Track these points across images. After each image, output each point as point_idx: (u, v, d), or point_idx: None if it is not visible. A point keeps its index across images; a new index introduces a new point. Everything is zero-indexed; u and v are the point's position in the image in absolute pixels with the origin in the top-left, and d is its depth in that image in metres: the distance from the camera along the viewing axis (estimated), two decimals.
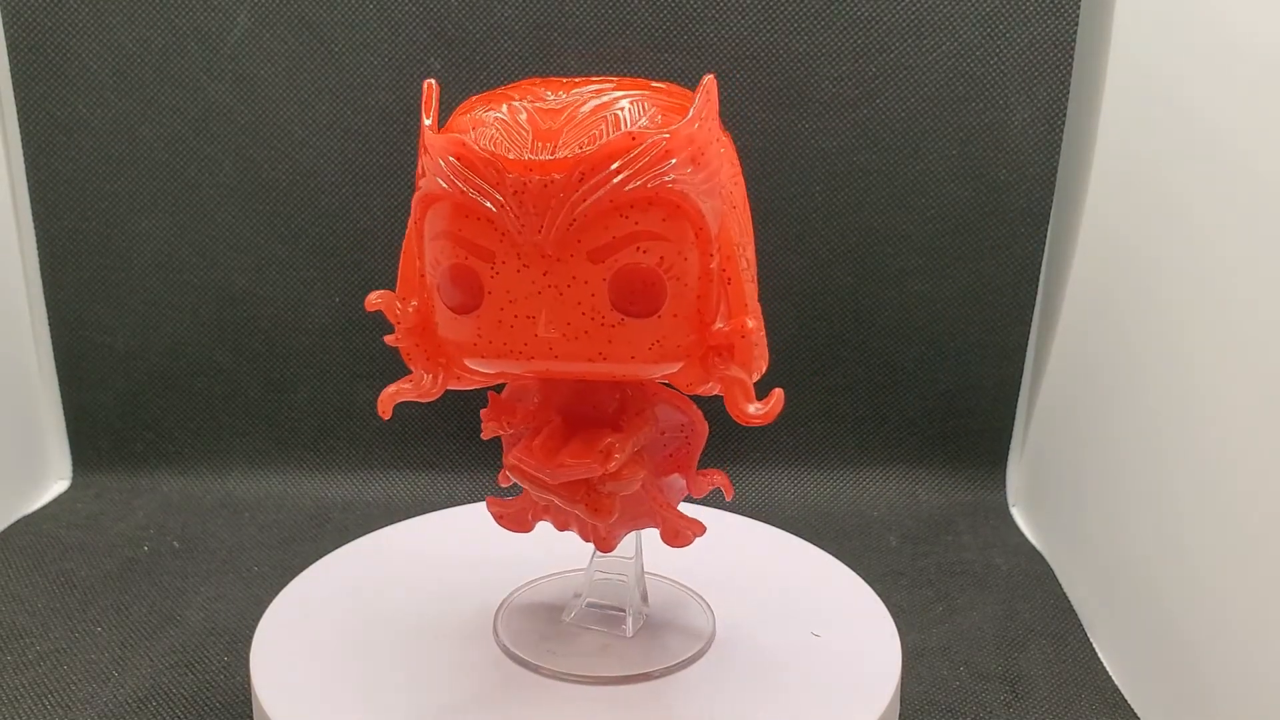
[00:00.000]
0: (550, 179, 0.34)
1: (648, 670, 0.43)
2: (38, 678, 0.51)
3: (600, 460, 0.38)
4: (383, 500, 0.72)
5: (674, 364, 0.37)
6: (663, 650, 0.45)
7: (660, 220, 0.35)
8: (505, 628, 0.46)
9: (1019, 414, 0.73)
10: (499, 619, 0.47)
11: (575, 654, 0.44)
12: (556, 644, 0.45)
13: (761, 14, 0.66)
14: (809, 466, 0.73)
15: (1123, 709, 0.51)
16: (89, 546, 0.65)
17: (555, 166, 0.34)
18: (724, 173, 0.37)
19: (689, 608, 0.48)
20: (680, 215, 0.35)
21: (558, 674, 0.43)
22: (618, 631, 0.46)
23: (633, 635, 0.46)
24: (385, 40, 0.67)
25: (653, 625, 0.47)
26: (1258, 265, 0.45)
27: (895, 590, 0.60)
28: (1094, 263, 0.64)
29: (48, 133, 0.68)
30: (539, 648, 0.45)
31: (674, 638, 0.46)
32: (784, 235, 0.69)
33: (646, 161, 0.34)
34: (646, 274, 0.36)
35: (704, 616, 0.48)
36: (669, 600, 0.49)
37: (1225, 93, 0.49)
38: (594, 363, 0.37)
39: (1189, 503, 0.48)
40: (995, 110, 0.67)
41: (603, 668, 0.43)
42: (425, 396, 0.40)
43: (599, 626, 0.46)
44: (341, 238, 0.70)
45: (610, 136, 0.34)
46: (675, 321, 0.36)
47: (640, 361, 0.37)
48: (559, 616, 0.47)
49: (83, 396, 0.73)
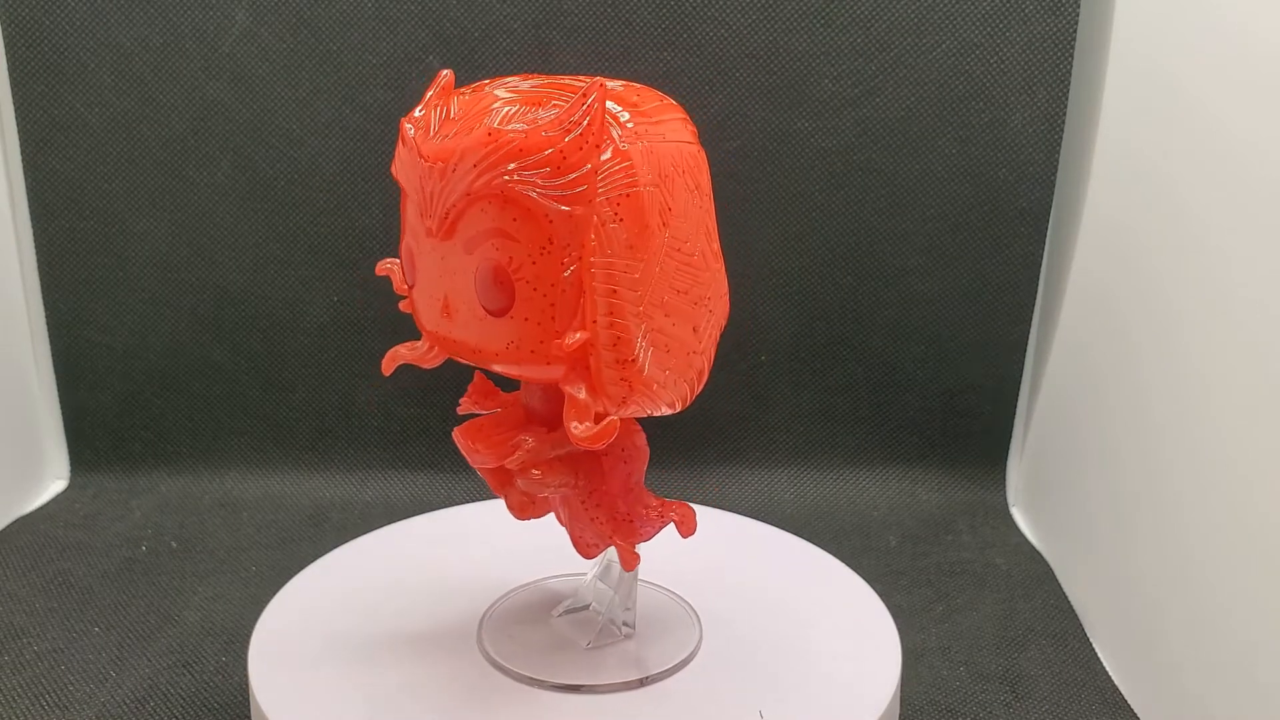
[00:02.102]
0: (435, 166, 0.35)
1: (641, 676, 0.43)
2: (35, 677, 0.51)
3: (502, 453, 0.39)
4: (381, 500, 0.72)
5: (538, 367, 0.37)
6: (655, 656, 0.45)
7: (511, 220, 0.35)
8: (489, 635, 0.46)
9: (1019, 414, 0.73)
10: (483, 627, 0.47)
11: (562, 661, 0.44)
12: (542, 650, 0.45)
13: (761, 12, 0.66)
14: (808, 466, 0.73)
15: (1123, 709, 0.51)
16: (87, 546, 0.64)
17: (438, 154, 0.35)
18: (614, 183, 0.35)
19: (675, 613, 0.48)
20: (531, 218, 0.35)
21: (540, 681, 0.43)
22: (603, 638, 0.45)
23: (618, 641, 0.45)
24: (384, 39, 0.66)
25: (641, 631, 0.46)
26: (1258, 265, 0.44)
27: (895, 590, 0.60)
28: (1094, 262, 0.63)
29: (45, 132, 0.68)
30: (523, 654, 0.44)
31: (663, 643, 0.46)
32: (784, 235, 0.69)
33: (496, 159, 0.34)
34: (498, 272, 0.36)
35: (689, 620, 0.47)
36: (656, 606, 0.49)
37: (1225, 91, 0.49)
38: (478, 354, 0.37)
39: (1189, 502, 0.48)
40: (995, 109, 0.67)
41: (597, 675, 0.43)
42: (424, 362, 0.41)
43: (585, 633, 0.46)
44: (340, 237, 0.70)
45: (477, 131, 0.35)
46: (527, 325, 0.36)
47: (505, 360, 0.37)
48: (544, 622, 0.47)
49: (80, 396, 0.73)
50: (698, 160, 0.37)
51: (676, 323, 0.37)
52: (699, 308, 0.37)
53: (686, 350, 0.37)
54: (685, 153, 0.37)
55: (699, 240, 0.37)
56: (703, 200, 0.37)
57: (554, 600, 0.48)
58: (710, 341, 0.39)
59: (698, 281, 0.37)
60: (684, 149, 0.37)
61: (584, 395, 0.36)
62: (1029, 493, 0.71)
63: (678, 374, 0.37)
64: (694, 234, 0.37)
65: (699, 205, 0.37)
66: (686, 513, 0.43)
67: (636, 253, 0.35)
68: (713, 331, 0.39)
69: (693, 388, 0.38)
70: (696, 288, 0.37)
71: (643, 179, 0.35)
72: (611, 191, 0.35)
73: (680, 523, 0.43)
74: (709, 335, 0.38)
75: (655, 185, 0.35)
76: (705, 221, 0.38)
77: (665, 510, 0.43)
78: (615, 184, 0.35)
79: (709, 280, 0.38)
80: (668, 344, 0.36)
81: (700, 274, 0.37)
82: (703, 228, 0.37)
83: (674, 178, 0.36)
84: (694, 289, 0.37)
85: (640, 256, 0.35)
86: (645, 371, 0.36)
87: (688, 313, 0.37)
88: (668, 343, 0.36)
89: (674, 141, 0.37)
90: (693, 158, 0.37)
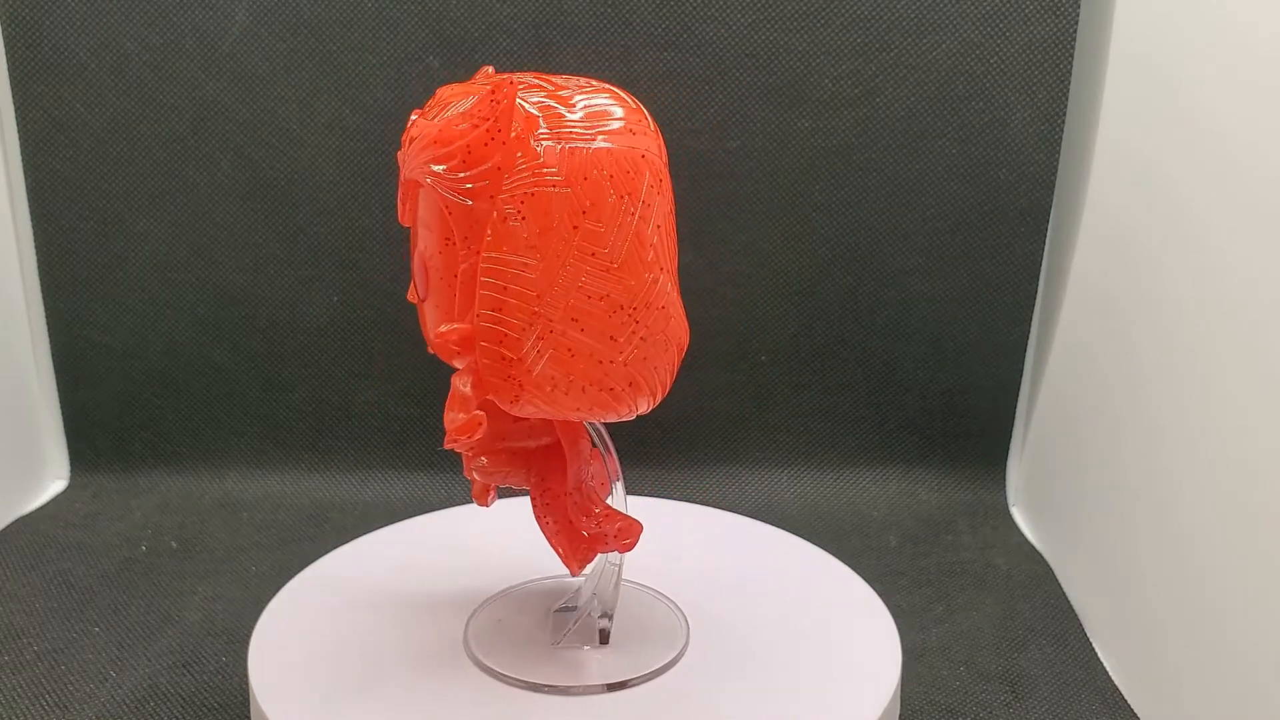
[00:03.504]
0: (401, 153, 0.38)
1: (631, 676, 0.43)
2: (35, 678, 0.51)
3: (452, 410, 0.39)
4: (381, 500, 0.72)
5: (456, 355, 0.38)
6: (643, 657, 0.44)
7: (426, 208, 0.37)
8: (476, 638, 0.46)
9: (1019, 414, 0.73)
10: (469, 630, 0.46)
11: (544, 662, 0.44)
12: (528, 651, 0.45)
13: (761, 12, 0.66)
14: (809, 466, 0.73)
15: (1123, 709, 0.50)
16: (87, 546, 0.64)
17: (403, 142, 0.38)
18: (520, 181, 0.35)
19: (663, 615, 0.48)
20: (438, 209, 0.36)
21: (518, 681, 0.43)
22: (576, 639, 0.45)
23: (602, 644, 0.45)
24: (384, 39, 0.66)
25: (630, 632, 0.46)
26: (1258, 264, 0.44)
27: (895, 590, 0.60)
28: (1094, 262, 0.63)
29: (45, 132, 0.68)
30: (510, 656, 0.44)
31: (648, 646, 0.45)
32: (784, 234, 0.69)
33: (419, 149, 0.36)
34: (420, 259, 0.38)
35: (677, 622, 0.47)
36: (643, 607, 0.48)
37: (1226, 91, 0.49)
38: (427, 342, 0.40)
39: (1189, 503, 0.48)
40: (995, 109, 0.67)
41: (578, 677, 0.43)
42: None
43: (575, 636, 0.46)
44: (340, 237, 0.70)
45: (427, 121, 0.37)
46: (436, 314, 0.38)
47: (429, 347, 0.39)
48: (533, 626, 0.47)
49: (80, 396, 0.73)
50: (636, 166, 0.36)
51: (586, 329, 0.36)
52: (618, 315, 0.36)
53: (597, 358, 0.36)
54: (621, 158, 0.36)
55: (623, 246, 0.36)
56: (635, 207, 0.36)
57: (545, 600, 0.48)
58: (641, 351, 0.37)
59: (620, 289, 0.36)
60: (621, 154, 0.36)
61: (468, 389, 0.37)
62: (1029, 493, 0.71)
63: (587, 381, 0.37)
64: (617, 240, 0.36)
65: (627, 211, 0.36)
66: (629, 527, 0.42)
67: (537, 252, 0.35)
68: (646, 342, 0.37)
69: (623, 398, 0.37)
70: (617, 295, 0.36)
71: (551, 179, 0.35)
72: (517, 188, 0.35)
73: (617, 536, 0.42)
74: (635, 346, 0.37)
75: (569, 186, 0.35)
76: (636, 228, 0.36)
77: (606, 520, 0.42)
78: (521, 181, 0.35)
79: (637, 289, 0.36)
80: (571, 348, 0.36)
81: (624, 281, 0.36)
82: (631, 234, 0.36)
83: (597, 181, 0.35)
84: (612, 296, 0.36)
85: (540, 256, 0.35)
86: (536, 372, 0.36)
87: (602, 319, 0.36)
88: (571, 347, 0.36)
89: (609, 146, 0.36)
90: (631, 164, 0.36)
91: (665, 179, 0.38)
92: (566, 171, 0.35)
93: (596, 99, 0.37)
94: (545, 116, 0.35)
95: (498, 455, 0.41)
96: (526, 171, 0.35)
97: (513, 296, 0.36)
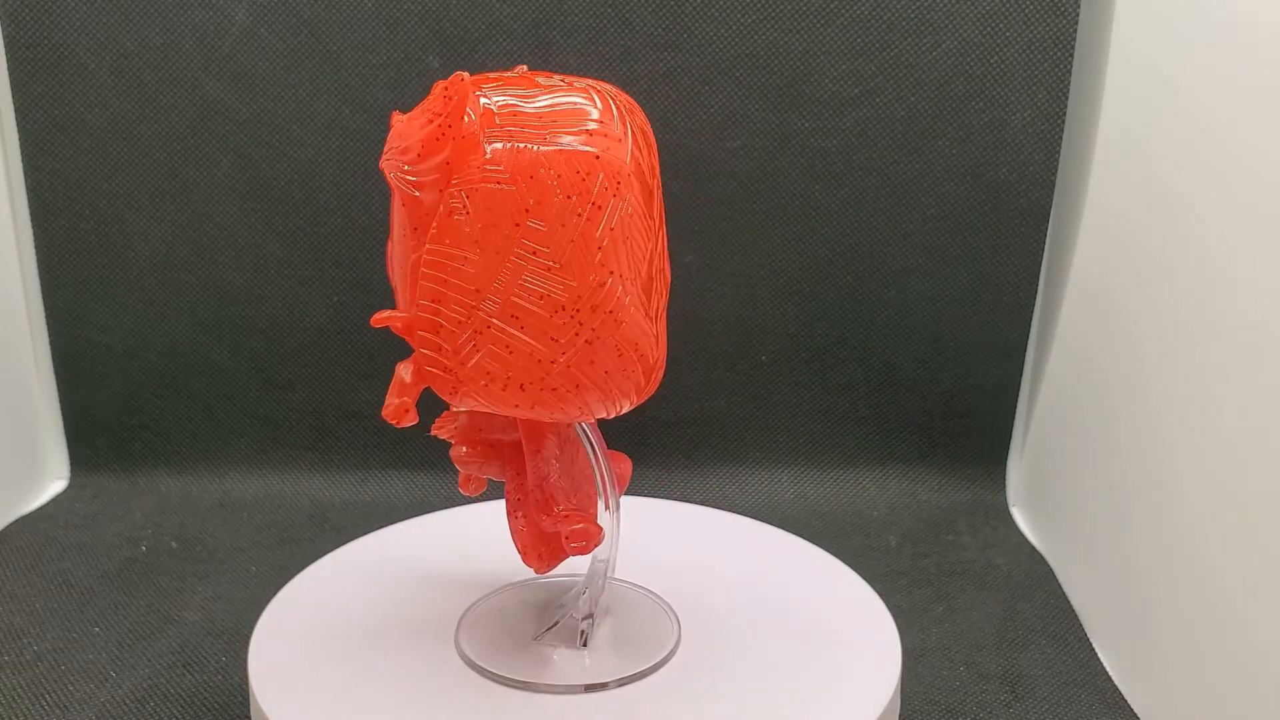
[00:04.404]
0: None
1: (620, 675, 0.43)
2: (35, 678, 0.51)
3: (442, 422, 0.42)
4: (381, 500, 0.72)
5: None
6: (632, 657, 0.44)
7: (395, 196, 0.38)
8: (468, 638, 0.46)
9: (1019, 414, 0.73)
10: (460, 630, 0.46)
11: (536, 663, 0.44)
12: (522, 654, 0.44)
13: (761, 12, 0.66)
14: (809, 466, 0.73)
15: (1123, 709, 0.51)
16: (86, 547, 0.64)
17: None
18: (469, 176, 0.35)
19: (654, 614, 0.48)
20: (395, 200, 0.37)
21: (529, 684, 0.43)
22: (556, 636, 0.45)
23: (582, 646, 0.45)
24: (384, 39, 0.66)
25: (618, 633, 0.46)
26: (1259, 264, 0.44)
27: (895, 590, 0.60)
28: (1094, 262, 0.63)
29: (45, 132, 0.68)
30: (498, 654, 0.44)
31: (638, 645, 0.45)
32: (784, 234, 0.69)
33: (390, 142, 0.37)
34: (388, 247, 0.39)
35: (668, 622, 0.47)
36: (635, 607, 0.48)
37: (1226, 91, 0.49)
38: None
39: (1189, 502, 0.48)
40: (995, 110, 0.67)
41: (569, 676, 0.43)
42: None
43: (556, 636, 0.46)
44: (340, 237, 0.70)
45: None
46: (398, 303, 0.39)
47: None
48: (524, 626, 0.47)
49: (80, 396, 0.73)
50: (589, 168, 0.36)
51: (525, 326, 0.36)
52: (559, 316, 0.36)
53: (536, 357, 0.36)
54: (573, 158, 0.36)
55: (567, 249, 0.36)
56: (584, 209, 0.36)
57: (539, 599, 0.48)
58: (586, 354, 0.37)
59: (562, 289, 0.36)
60: (573, 155, 0.36)
61: (408, 377, 0.38)
62: (1029, 493, 0.71)
63: (526, 379, 0.37)
64: (560, 240, 0.36)
65: (574, 211, 0.36)
66: (585, 531, 0.41)
67: (479, 247, 0.36)
68: (591, 346, 0.37)
69: (569, 400, 0.37)
70: (559, 295, 0.36)
71: (496, 175, 0.35)
72: (465, 184, 0.35)
73: (570, 537, 0.41)
74: (578, 348, 0.37)
75: (514, 184, 0.35)
76: (583, 230, 0.36)
77: (564, 521, 0.41)
78: (468, 177, 0.35)
79: (580, 291, 0.36)
80: (509, 345, 0.36)
81: (566, 282, 0.36)
82: (576, 234, 0.36)
83: (543, 180, 0.35)
84: (553, 296, 0.36)
85: (482, 251, 0.36)
86: (471, 366, 0.37)
87: (543, 319, 0.36)
88: (509, 343, 0.36)
89: (562, 147, 0.36)
90: (584, 165, 0.36)
91: (630, 183, 0.36)
92: (512, 169, 0.35)
93: (567, 98, 0.36)
94: (502, 114, 0.36)
95: (476, 446, 0.42)
96: (475, 167, 0.35)
97: (452, 290, 0.36)
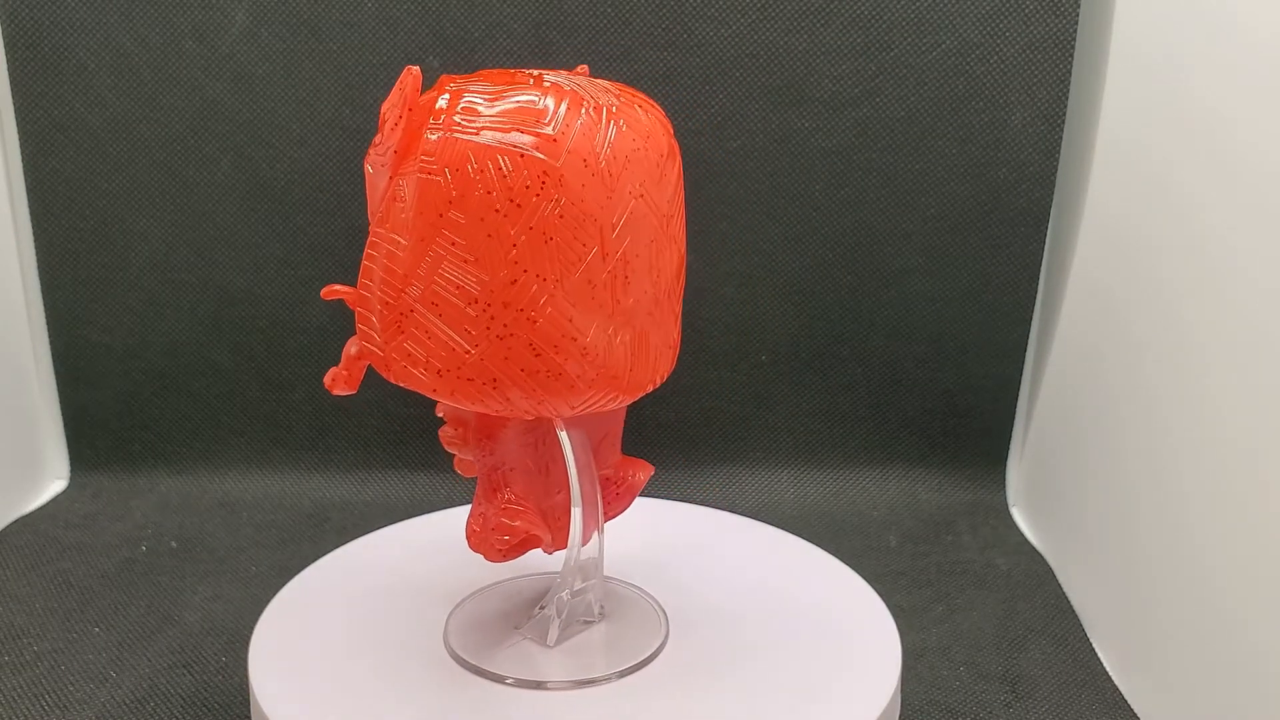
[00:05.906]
0: None
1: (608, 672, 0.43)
2: (35, 678, 0.51)
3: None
4: (381, 500, 0.72)
5: None
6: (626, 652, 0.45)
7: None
8: (457, 635, 0.46)
9: (1019, 414, 0.73)
10: (449, 627, 0.46)
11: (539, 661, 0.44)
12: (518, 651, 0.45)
13: (761, 12, 0.66)
14: (809, 466, 0.73)
15: (1123, 709, 0.50)
16: (86, 547, 0.64)
17: None
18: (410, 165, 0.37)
19: (643, 612, 0.48)
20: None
21: (523, 681, 0.43)
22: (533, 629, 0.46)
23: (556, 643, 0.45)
24: (384, 39, 0.66)
25: (608, 631, 0.46)
26: (1260, 263, 0.44)
27: (895, 590, 0.60)
28: (1094, 262, 0.63)
29: (45, 132, 0.68)
30: (496, 655, 0.44)
31: (628, 643, 0.45)
32: (784, 234, 0.69)
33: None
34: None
35: (656, 619, 0.47)
36: (629, 605, 0.49)
37: (1226, 91, 0.49)
38: None
39: (1190, 502, 0.48)
40: (995, 109, 0.67)
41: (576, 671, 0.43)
42: None
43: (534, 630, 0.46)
44: (340, 236, 0.70)
45: None
46: None
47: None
48: (516, 624, 0.47)
49: (80, 396, 0.73)
50: (515, 165, 0.36)
51: (443, 315, 0.37)
52: (472, 308, 0.37)
53: (451, 346, 0.37)
54: (500, 155, 0.36)
55: (482, 243, 0.36)
56: (503, 205, 0.36)
57: (526, 597, 0.48)
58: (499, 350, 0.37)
59: (476, 283, 0.36)
60: (500, 151, 0.36)
61: (353, 350, 0.42)
62: (1029, 493, 0.71)
63: (444, 366, 0.38)
64: (477, 234, 0.36)
65: (491, 207, 0.36)
66: (513, 530, 0.42)
67: (410, 234, 0.37)
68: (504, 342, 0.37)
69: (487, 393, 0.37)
70: (473, 289, 0.36)
71: (429, 166, 0.36)
72: (406, 172, 0.37)
73: (498, 529, 0.42)
74: (490, 343, 0.37)
75: (441, 176, 0.36)
76: (498, 225, 0.36)
77: (504, 511, 0.42)
78: (410, 166, 0.37)
79: (493, 286, 0.36)
80: (429, 331, 0.37)
81: (479, 276, 0.36)
82: (494, 231, 0.36)
83: (466, 174, 0.36)
84: (467, 289, 0.36)
85: (411, 238, 0.37)
86: (394, 346, 0.38)
87: (458, 310, 0.37)
88: (430, 330, 0.37)
89: (489, 142, 0.36)
90: (512, 162, 0.36)
91: (565, 187, 0.36)
92: (442, 161, 0.36)
93: (524, 95, 0.36)
94: (452, 107, 0.37)
95: (461, 428, 0.44)
96: (414, 158, 0.37)
97: (385, 271, 0.38)
